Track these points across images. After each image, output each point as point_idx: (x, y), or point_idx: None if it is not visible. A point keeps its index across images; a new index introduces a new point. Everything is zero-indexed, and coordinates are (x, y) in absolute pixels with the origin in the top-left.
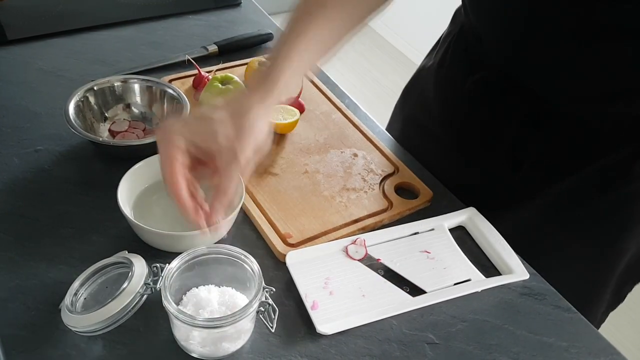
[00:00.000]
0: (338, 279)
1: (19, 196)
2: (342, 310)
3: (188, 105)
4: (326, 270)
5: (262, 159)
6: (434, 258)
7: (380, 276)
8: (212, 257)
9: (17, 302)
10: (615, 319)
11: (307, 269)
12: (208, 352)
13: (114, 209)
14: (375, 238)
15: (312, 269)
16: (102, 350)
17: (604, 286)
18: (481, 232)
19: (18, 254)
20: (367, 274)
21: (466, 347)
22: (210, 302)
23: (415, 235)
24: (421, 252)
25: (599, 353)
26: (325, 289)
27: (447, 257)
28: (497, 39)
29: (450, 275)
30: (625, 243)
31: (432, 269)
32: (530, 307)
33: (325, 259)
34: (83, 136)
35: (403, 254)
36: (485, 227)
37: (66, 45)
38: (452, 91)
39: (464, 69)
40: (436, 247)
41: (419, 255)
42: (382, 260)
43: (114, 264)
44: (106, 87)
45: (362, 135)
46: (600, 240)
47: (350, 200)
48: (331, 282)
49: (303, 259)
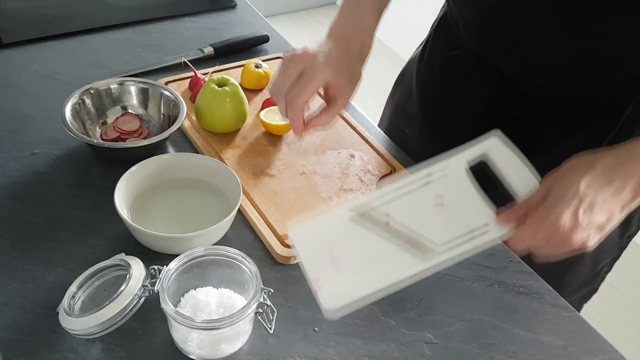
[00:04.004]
0: (344, 251)
1: (15, 199)
2: (350, 286)
3: (185, 107)
4: (331, 242)
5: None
6: (448, 208)
7: (387, 240)
8: (210, 259)
9: (14, 305)
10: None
11: (312, 243)
12: (206, 353)
13: (111, 212)
14: (384, 197)
15: (317, 243)
16: (100, 353)
17: (579, 259)
18: (505, 163)
19: (15, 257)
20: (374, 240)
21: (464, 347)
22: (208, 304)
23: (428, 184)
24: (435, 202)
25: (597, 351)
26: (332, 264)
27: (463, 204)
28: (470, 22)
29: (465, 224)
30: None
31: (445, 220)
32: (528, 306)
33: (329, 229)
34: (80, 139)
35: (413, 209)
36: (509, 158)
37: (62, 48)
38: (430, 72)
39: (443, 50)
40: (452, 195)
41: (432, 207)
42: (390, 220)
43: (111, 266)
44: (103, 90)
45: (359, 136)
46: None
47: (348, 201)
48: (337, 254)
49: (308, 233)
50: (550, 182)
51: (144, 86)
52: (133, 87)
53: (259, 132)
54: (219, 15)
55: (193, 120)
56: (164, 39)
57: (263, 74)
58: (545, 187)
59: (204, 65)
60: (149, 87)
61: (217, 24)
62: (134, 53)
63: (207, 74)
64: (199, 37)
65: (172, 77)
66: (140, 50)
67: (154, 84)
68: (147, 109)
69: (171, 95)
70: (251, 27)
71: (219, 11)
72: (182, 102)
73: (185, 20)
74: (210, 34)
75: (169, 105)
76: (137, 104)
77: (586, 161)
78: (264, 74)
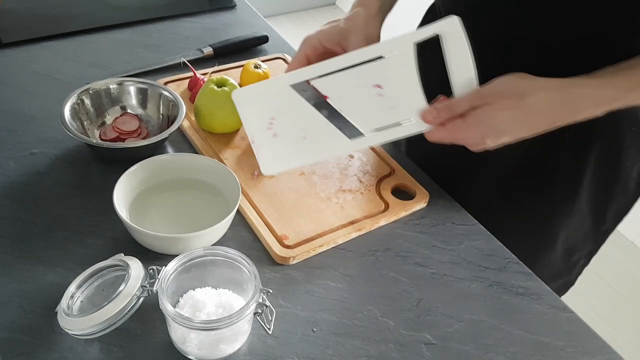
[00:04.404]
0: (283, 120)
1: (14, 199)
2: (285, 154)
3: (184, 107)
4: (272, 109)
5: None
6: (384, 95)
7: (323, 117)
8: (209, 259)
9: (13, 305)
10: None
11: (254, 107)
12: (205, 354)
13: (110, 212)
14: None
15: (259, 108)
16: (98, 353)
17: (551, 244)
18: (455, 49)
19: (14, 257)
20: (312, 115)
21: (463, 347)
22: (207, 304)
23: (374, 62)
24: (373, 87)
25: (595, 352)
26: (270, 129)
27: (400, 92)
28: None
29: (396, 113)
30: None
31: (378, 107)
32: (527, 306)
33: (272, 97)
34: (79, 139)
35: (352, 90)
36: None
37: (61, 48)
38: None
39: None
40: (392, 80)
41: (370, 91)
42: (329, 99)
43: (110, 266)
44: (102, 90)
45: None
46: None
47: (347, 202)
48: (276, 122)
49: (250, 95)
50: (480, 98)
51: (143, 86)
52: (132, 87)
53: None
54: (219, 16)
55: (192, 120)
56: (164, 39)
57: (262, 74)
58: (474, 101)
59: (203, 65)
60: (148, 87)
61: (217, 24)
62: (133, 53)
63: (206, 74)
64: (198, 37)
65: (171, 77)
66: (140, 51)
67: (153, 84)
68: (146, 109)
69: (170, 96)
70: (250, 28)
71: (219, 11)
72: (181, 102)
73: (184, 20)
74: (209, 34)
75: (168, 105)
76: (136, 104)
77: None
78: (263, 74)
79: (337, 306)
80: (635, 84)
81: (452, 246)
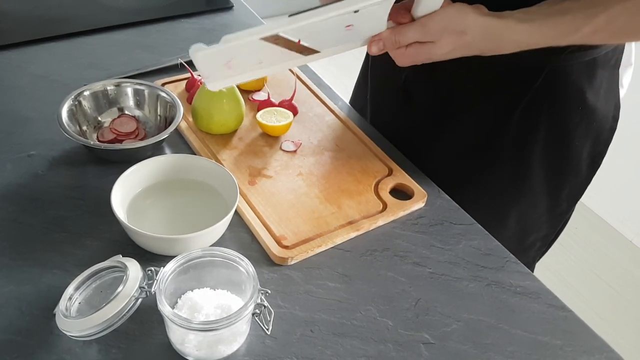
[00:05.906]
0: (240, 58)
1: (12, 201)
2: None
3: (181, 108)
4: (231, 54)
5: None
6: (352, 30)
7: (287, 49)
8: (207, 260)
9: (11, 307)
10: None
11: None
12: (204, 355)
13: (107, 213)
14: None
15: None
16: (97, 355)
17: (504, 221)
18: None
19: (12, 259)
20: (270, 48)
21: (461, 347)
22: (205, 305)
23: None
24: (345, 28)
25: (594, 351)
26: (228, 68)
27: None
28: None
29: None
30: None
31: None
32: (525, 306)
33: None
34: (76, 140)
35: (323, 33)
36: None
37: (59, 49)
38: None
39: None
40: (363, 21)
41: (339, 31)
42: (302, 42)
43: (108, 268)
44: (99, 91)
45: (355, 137)
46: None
47: (345, 202)
48: (234, 61)
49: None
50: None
51: (141, 87)
52: (129, 89)
53: (256, 133)
54: (216, 17)
55: (190, 121)
56: (161, 40)
57: None
58: (419, 36)
59: None
60: (146, 89)
61: (214, 25)
62: (130, 54)
63: None
64: (196, 38)
65: (168, 79)
66: (138, 52)
67: (150, 86)
68: (144, 110)
69: (168, 97)
70: (248, 29)
71: (216, 12)
72: (178, 103)
73: (182, 21)
74: (207, 35)
75: (165, 106)
76: (133, 106)
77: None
78: None
79: (335, 306)
80: (561, 33)
81: (450, 246)
